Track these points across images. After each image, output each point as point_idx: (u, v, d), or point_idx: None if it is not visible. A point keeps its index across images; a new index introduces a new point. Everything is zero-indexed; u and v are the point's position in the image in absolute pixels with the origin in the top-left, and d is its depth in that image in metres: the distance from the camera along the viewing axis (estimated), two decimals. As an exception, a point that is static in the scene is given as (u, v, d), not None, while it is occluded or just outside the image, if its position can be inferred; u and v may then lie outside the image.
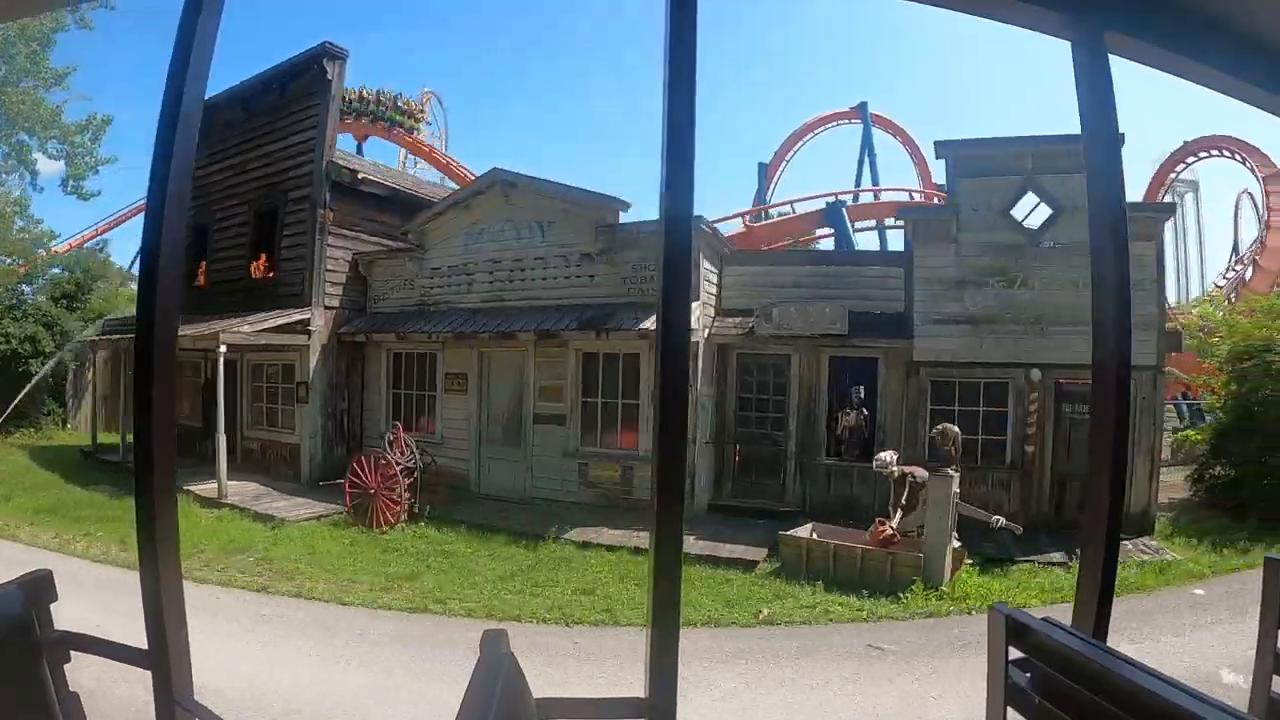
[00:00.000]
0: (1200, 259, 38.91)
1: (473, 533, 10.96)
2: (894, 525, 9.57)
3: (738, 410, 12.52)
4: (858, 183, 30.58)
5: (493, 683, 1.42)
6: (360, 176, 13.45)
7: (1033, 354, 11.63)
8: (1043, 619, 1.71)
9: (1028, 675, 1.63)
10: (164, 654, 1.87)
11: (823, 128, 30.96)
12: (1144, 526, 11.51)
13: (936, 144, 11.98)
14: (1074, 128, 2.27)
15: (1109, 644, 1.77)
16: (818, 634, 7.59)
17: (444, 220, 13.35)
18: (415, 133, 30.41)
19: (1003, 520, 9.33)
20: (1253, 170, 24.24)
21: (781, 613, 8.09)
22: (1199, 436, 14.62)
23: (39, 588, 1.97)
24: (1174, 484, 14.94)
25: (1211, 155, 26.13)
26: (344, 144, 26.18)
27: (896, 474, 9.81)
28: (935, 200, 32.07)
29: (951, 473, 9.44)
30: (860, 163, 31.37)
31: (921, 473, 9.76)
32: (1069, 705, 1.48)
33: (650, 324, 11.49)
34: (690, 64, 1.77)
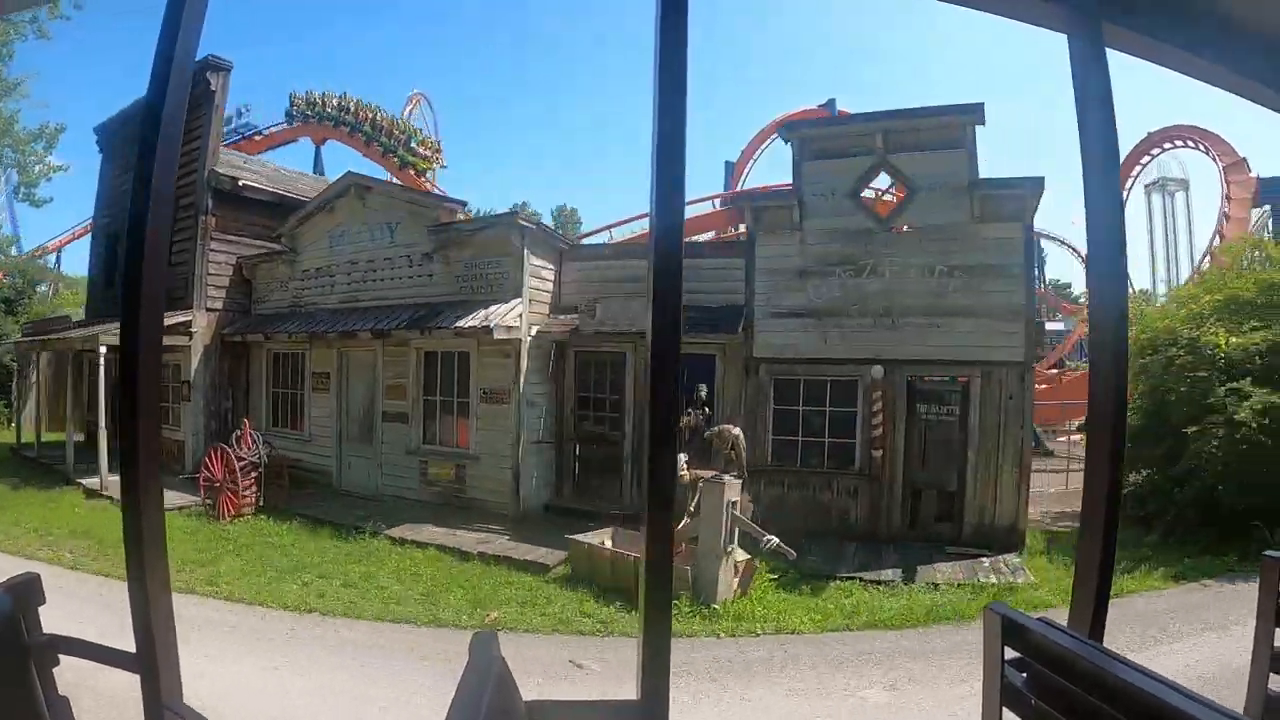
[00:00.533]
0: (1190, 256, 33.62)
1: (306, 526, 9.46)
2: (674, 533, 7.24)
3: (576, 409, 10.24)
4: None
5: (481, 686, 1.20)
6: (241, 184, 11.89)
7: (883, 348, 8.88)
8: (1039, 619, 1.40)
9: (1023, 675, 1.36)
10: (153, 658, 1.60)
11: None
12: (1011, 542, 8.60)
13: (780, 126, 9.32)
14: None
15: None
16: (533, 642, 6.08)
17: (311, 224, 11.62)
18: (425, 176, 26.02)
19: (775, 541, 6.89)
20: (1215, 159, 19.90)
21: (518, 618, 6.54)
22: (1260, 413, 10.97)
23: (26, 590, 1.68)
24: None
25: (1176, 146, 21.77)
26: (303, 148, 24.22)
27: (688, 478, 7.50)
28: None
29: (731, 479, 7.14)
30: None
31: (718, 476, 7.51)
32: (1065, 705, 1.25)
33: (470, 321, 9.40)
34: (681, 75, 1.43)
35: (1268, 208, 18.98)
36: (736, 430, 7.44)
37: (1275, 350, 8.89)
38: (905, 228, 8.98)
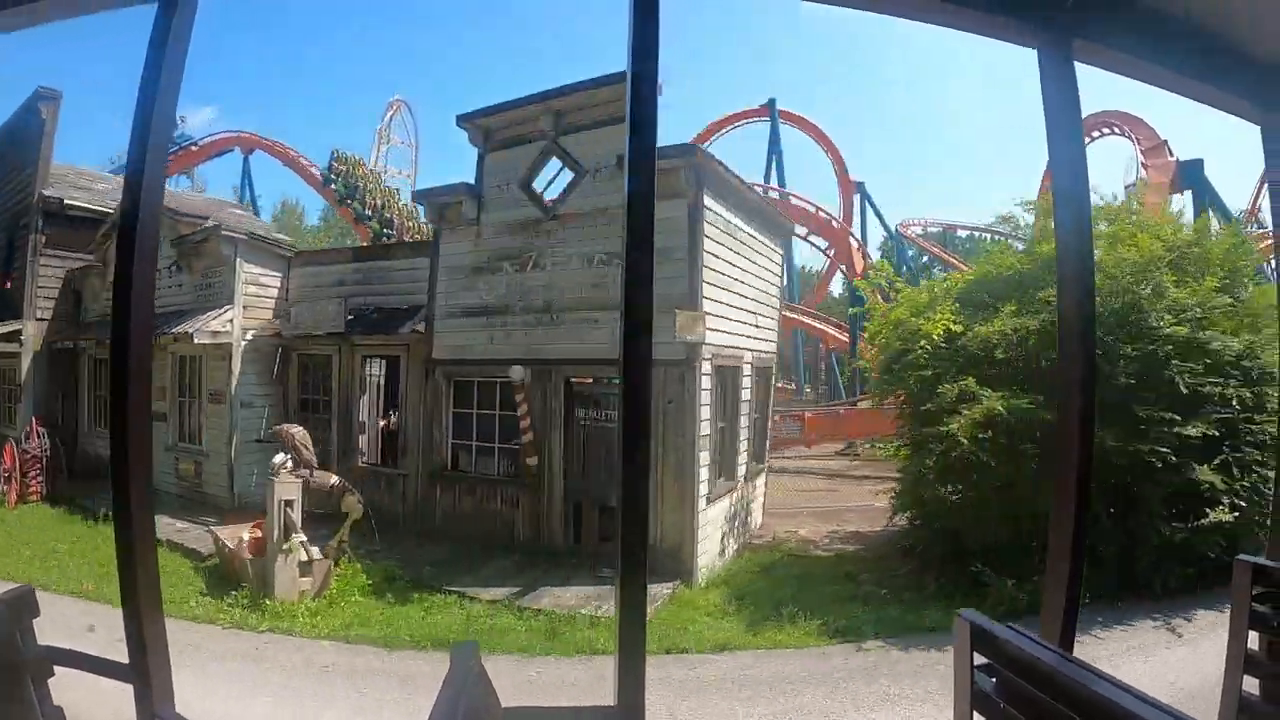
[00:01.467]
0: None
1: (69, 512, 9.27)
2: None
3: (299, 410, 9.35)
4: (765, 179, 25.05)
5: (459, 694, 1.13)
6: (65, 204, 11.81)
7: (542, 346, 7.49)
8: (1007, 626, 1.28)
9: (993, 680, 1.27)
10: (145, 668, 1.55)
11: (730, 126, 25.49)
12: (680, 570, 6.88)
13: (458, 117, 8.08)
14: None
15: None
16: (90, 608, 5.74)
17: (109, 241, 11.36)
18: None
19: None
20: (1135, 143, 16.70)
21: (99, 591, 6.11)
22: (904, 453, 7.81)
23: (21, 605, 1.56)
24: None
25: (1104, 134, 18.50)
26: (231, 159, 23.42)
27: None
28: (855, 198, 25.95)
29: (290, 477, 6.39)
30: (769, 161, 25.65)
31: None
32: (1033, 712, 1.17)
33: (181, 328, 8.75)
34: (652, 109, 1.37)
35: (1189, 192, 15.76)
36: (294, 429, 6.58)
37: (1037, 339, 6.46)
38: (570, 215, 7.55)
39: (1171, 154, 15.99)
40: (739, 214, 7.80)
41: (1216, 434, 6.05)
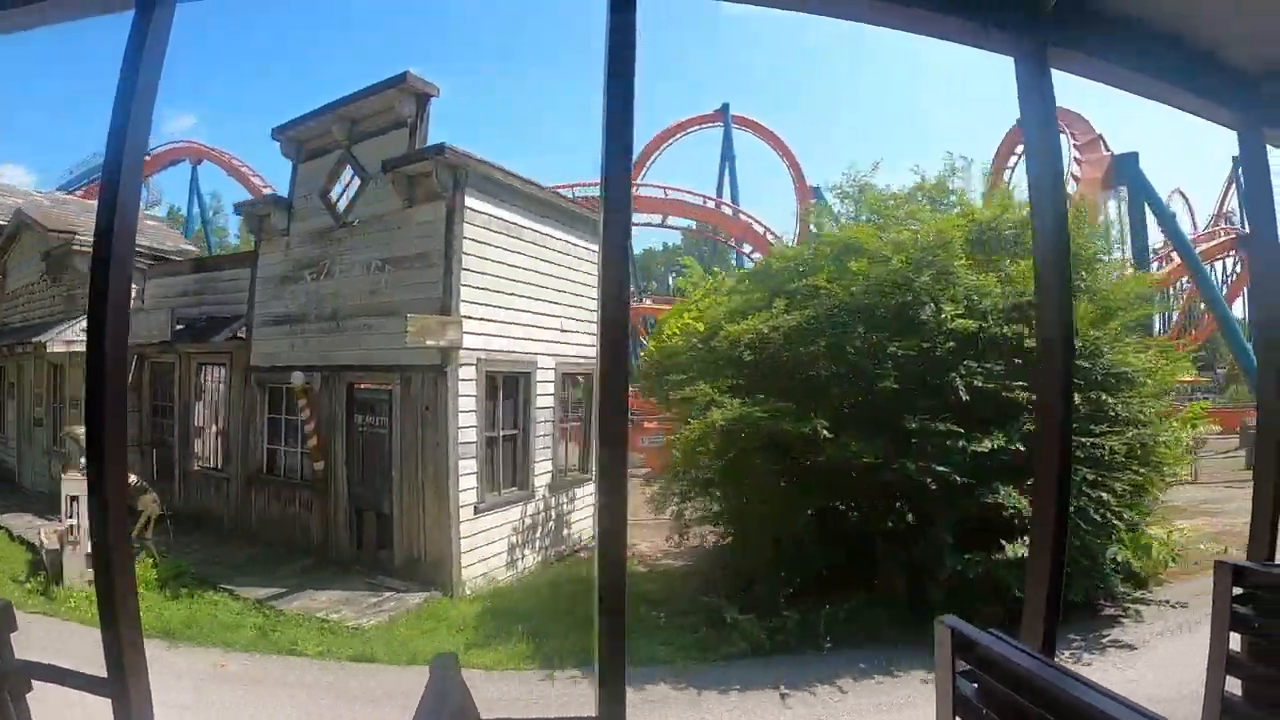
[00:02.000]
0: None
1: None
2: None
3: (152, 416, 9.77)
4: (719, 190, 24.93)
5: (440, 708, 1.13)
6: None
7: (330, 353, 7.70)
8: (988, 631, 1.30)
9: (974, 686, 1.28)
10: (123, 682, 1.55)
11: (683, 132, 25.49)
12: (441, 580, 6.85)
13: (272, 130, 8.38)
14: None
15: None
16: None
17: (12, 252, 12.09)
18: None
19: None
20: (1071, 139, 16.05)
21: None
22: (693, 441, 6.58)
23: None
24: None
25: (1049, 128, 17.81)
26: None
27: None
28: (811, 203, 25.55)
29: (77, 474, 6.77)
30: (721, 167, 25.51)
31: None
32: (1013, 715, 1.18)
33: (40, 338, 9.28)
34: (627, 122, 1.41)
35: (1124, 188, 15.09)
36: (78, 430, 7.00)
37: (792, 338, 5.86)
38: (356, 222, 7.74)
39: (1107, 149, 15.34)
40: (527, 214, 7.84)
41: (1025, 449, 5.12)
